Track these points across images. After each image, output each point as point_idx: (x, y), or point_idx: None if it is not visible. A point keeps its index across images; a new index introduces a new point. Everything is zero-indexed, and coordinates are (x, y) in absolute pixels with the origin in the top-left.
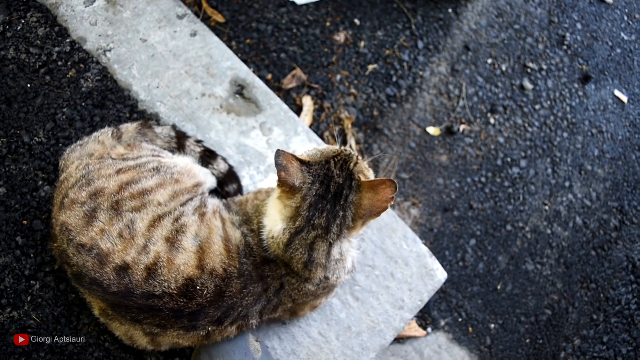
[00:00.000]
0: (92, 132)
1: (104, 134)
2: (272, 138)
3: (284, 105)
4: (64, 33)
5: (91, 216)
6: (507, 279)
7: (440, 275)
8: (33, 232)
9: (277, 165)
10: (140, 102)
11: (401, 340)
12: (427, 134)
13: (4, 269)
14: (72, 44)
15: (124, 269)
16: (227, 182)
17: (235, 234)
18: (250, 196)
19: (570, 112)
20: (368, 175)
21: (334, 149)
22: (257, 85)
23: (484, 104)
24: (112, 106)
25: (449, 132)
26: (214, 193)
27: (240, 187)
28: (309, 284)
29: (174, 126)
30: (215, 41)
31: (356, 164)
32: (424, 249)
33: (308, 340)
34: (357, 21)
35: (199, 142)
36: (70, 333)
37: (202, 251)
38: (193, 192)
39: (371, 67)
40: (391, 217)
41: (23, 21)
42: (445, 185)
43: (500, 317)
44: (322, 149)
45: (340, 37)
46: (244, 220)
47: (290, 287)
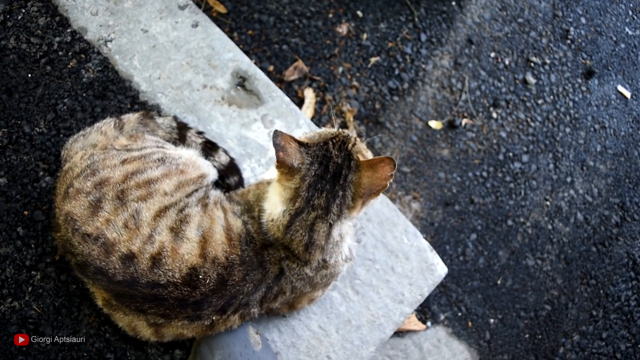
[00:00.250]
0: (93, 123)
1: (106, 124)
2: (274, 130)
3: (285, 98)
4: (64, 23)
5: (96, 206)
6: (507, 273)
7: (441, 269)
8: (34, 223)
9: (275, 145)
10: (141, 93)
11: (400, 333)
12: (429, 127)
13: (4, 259)
14: (73, 33)
15: (129, 257)
16: (228, 174)
17: (237, 222)
18: (251, 187)
19: (572, 107)
20: (366, 155)
21: (332, 130)
22: (259, 77)
23: (486, 97)
24: (113, 97)
25: (450, 125)
26: (215, 185)
27: (241, 179)
28: (307, 268)
29: (175, 117)
30: (216, 32)
31: (354, 144)
32: (424, 243)
33: (308, 333)
34: (359, 13)
35: (200, 133)
36: (70, 324)
37: (204, 240)
38: (198, 183)
39: (373, 60)
40: (392, 211)
41: (23, 10)
42: (446, 179)
43: (499, 311)
44: (320, 131)
45: (343, 29)
46: (245, 209)
47: (291, 272)
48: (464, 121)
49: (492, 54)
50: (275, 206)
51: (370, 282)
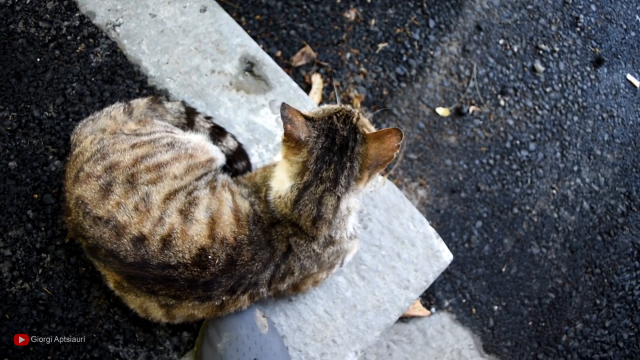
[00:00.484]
0: (101, 107)
1: (116, 109)
2: (281, 103)
3: (293, 83)
4: (73, 7)
5: (107, 189)
6: (512, 261)
7: (446, 256)
8: (44, 206)
9: (283, 117)
10: (149, 77)
11: (405, 319)
12: (436, 114)
13: (15, 241)
14: (81, 18)
15: (140, 239)
16: (236, 159)
17: (244, 204)
18: (258, 170)
19: (581, 96)
20: (370, 129)
21: (335, 106)
22: (267, 62)
23: (494, 85)
24: (122, 81)
25: (458, 113)
26: (223, 170)
27: (249, 164)
28: (314, 244)
29: (183, 102)
30: (224, 17)
31: (358, 118)
32: (430, 230)
33: (314, 317)
34: None
35: (208, 118)
36: (80, 305)
37: (213, 222)
38: (207, 167)
39: (381, 46)
40: (398, 197)
41: None
42: (453, 167)
43: (503, 299)
44: (324, 106)
45: (351, 15)
46: (253, 191)
47: (298, 249)
48: (472, 108)
49: (501, 41)
50: (282, 183)
51: (376, 268)
